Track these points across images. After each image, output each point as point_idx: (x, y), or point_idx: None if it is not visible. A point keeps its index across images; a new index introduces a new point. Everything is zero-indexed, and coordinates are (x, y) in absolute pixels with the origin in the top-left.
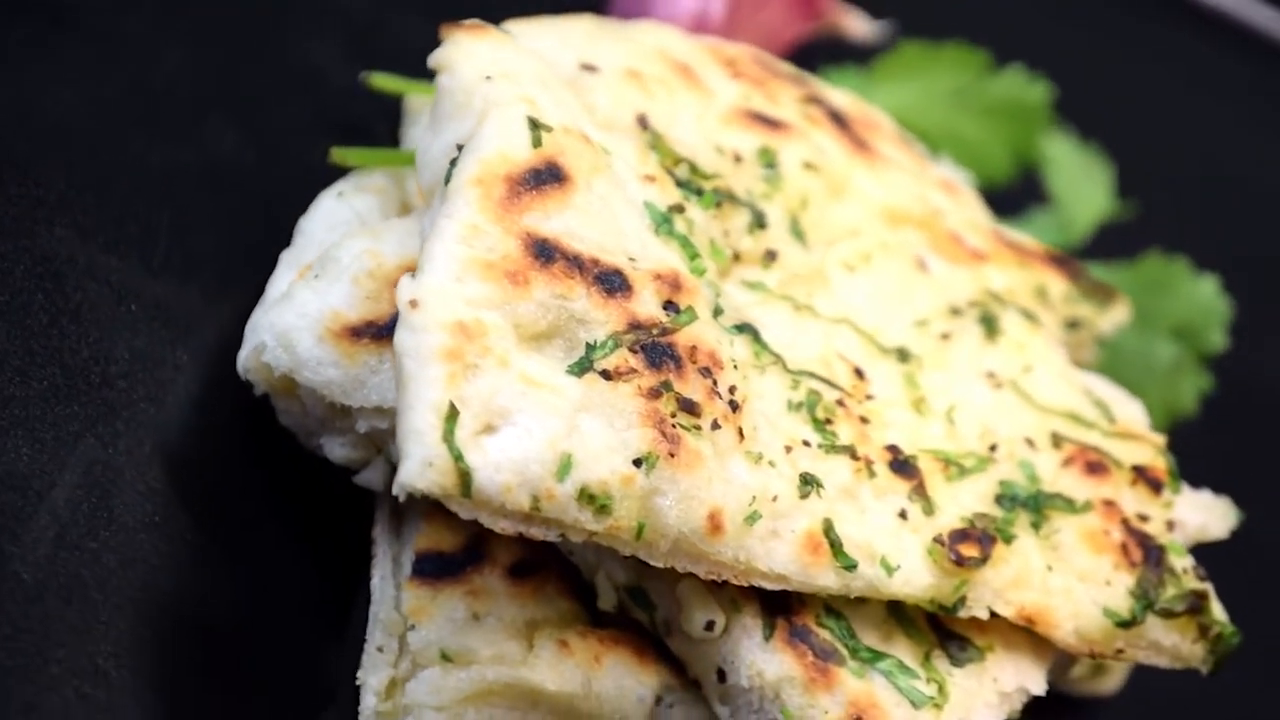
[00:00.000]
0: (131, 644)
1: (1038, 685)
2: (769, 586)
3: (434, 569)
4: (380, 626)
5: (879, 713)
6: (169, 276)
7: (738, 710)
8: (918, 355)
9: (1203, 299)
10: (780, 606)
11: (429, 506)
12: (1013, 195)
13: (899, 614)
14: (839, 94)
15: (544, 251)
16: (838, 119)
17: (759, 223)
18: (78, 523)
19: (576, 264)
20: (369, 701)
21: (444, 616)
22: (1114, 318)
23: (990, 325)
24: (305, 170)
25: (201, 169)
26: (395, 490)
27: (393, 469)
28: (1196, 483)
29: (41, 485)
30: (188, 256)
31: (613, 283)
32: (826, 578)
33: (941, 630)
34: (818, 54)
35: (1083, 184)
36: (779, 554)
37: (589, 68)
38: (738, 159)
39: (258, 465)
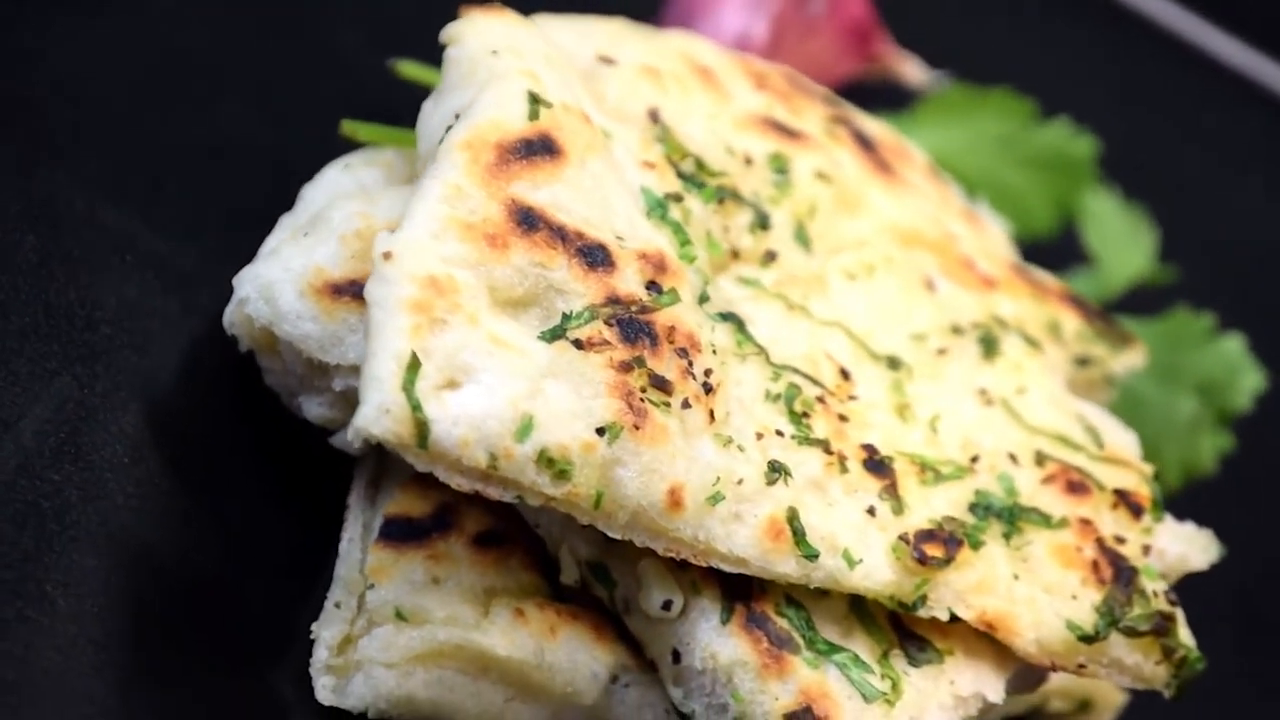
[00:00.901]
0: (83, 576)
1: (996, 693)
2: (728, 569)
3: (400, 533)
4: (341, 584)
5: (829, 703)
6: (169, 234)
7: (690, 693)
8: (909, 365)
9: (1228, 356)
10: (740, 593)
11: (404, 476)
12: (1053, 250)
13: (861, 611)
14: (874, 123)
15: (527, 219)
16: (864, 141)
17: (761, 223)
18: (42, 454)
19: (560, 235)
20: (321, 655)
21: (403, 578)
22: (1128, 360)
23: (990, 346)
24: (321, 148)
25: (216, 138)
26: (350, 435)
27: None
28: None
29: (9, 415)
30: (191, 218)
31: (595, 256)
32: (787, 565)
33: (903, 630)
34: (856, 95)
35: (1122, 243)
36: (740, 537)
37: (606, 60)
38: (748, 161)
39: (239, 423)
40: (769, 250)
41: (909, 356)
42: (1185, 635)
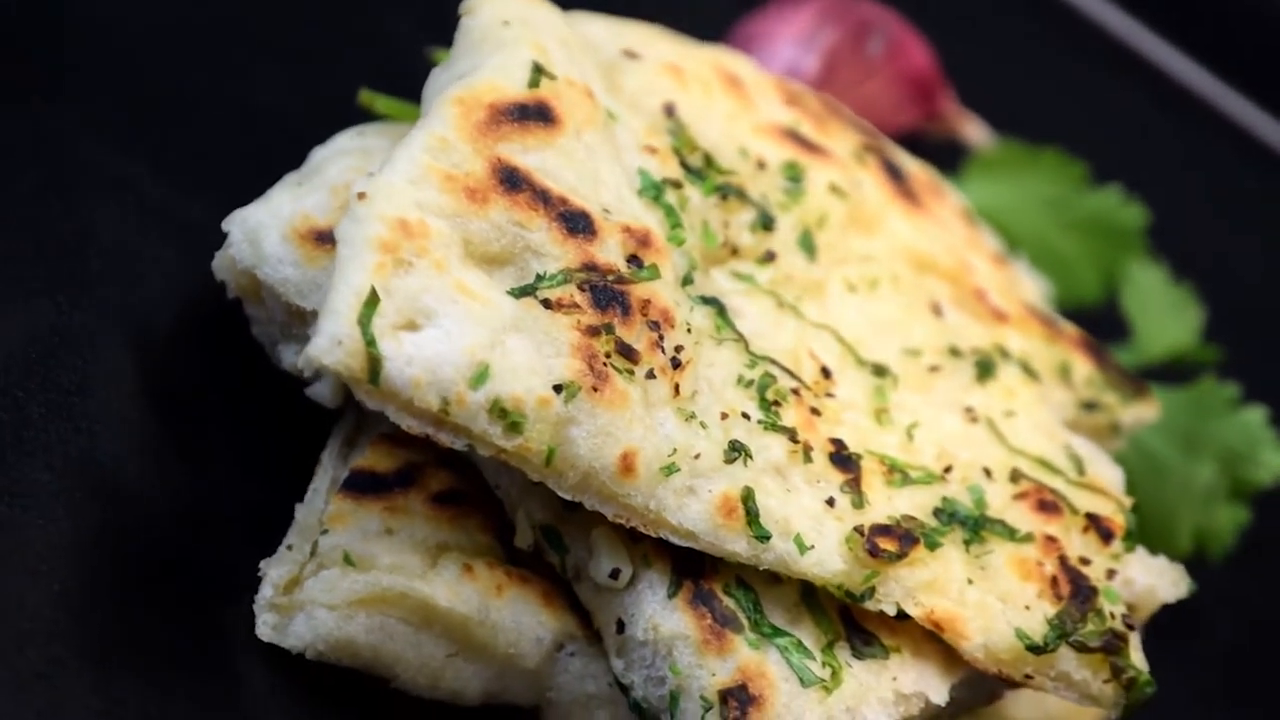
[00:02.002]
0: (32, 490)
1: (939, 695)
2: (677, 542)
3: (362, 485)
4: (298, 529)
5: (765, 683)
6: (174, 184)
7: (631, 664)
8: (896, 374)
9: (1249, 429)
10: (691, 570)
11: (378, 435)
12: (1097, 319)
13: (811, 601)
14: (913, 161)
15: (511, 179)
16: (893, 170)
17: (764, 224)
18: (10, 371)
19: (543, 197)
20: (265, 592)
21: (358, 527)
22: (1138, 412)
23: (986, 370)
24: (346, 122)
25: (242, 99)
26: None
27: (344, 386)
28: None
29: None
30: (199, 172)
31: (577, 223)
32: (737, 544)
33: (852, 625)
34: (908, 147)
35: (1163, 317)
36: (692, 510)
37: (631, 54)
38: (761, 165)
39: (220, 372)
40: (769, 250)
41: (898, 368)
42: (1138, 658)
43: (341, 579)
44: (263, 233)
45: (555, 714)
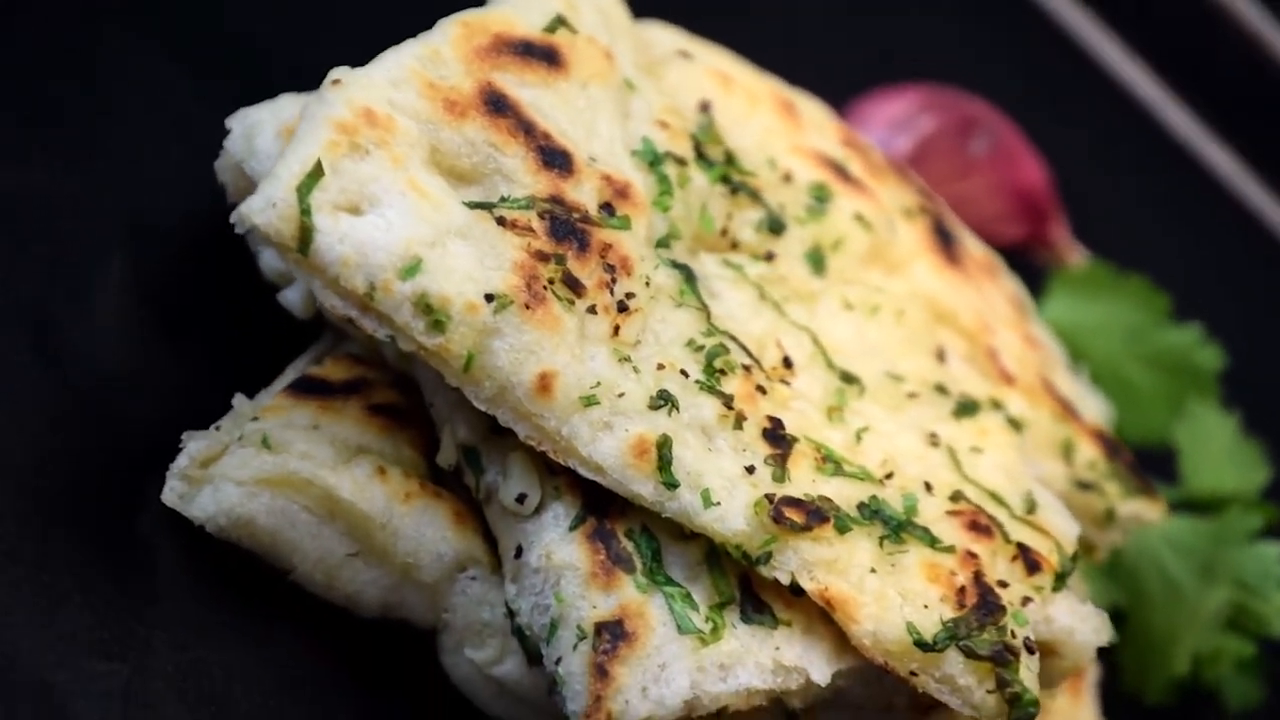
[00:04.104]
0: None
1: (821, 675)
2: (585, 474)
3: (306, 388)
4: (232, 416)
5: (642, 623)
6: (208, 103)
7: (523, 591)
8: (868, 388)
9: (1264, 561)
10: (599, 509)
11: (343, 352)
12: (1154, 457)
13: (714, 564)
14: (972, 239)
15: (497, 103)
16: (943, 234)
17: (772, 228)
18: None
19: (526, 127)
20: (181, 462)
21: (288, 419)
22: (1139, 508)
23: (966, 410)
24: None
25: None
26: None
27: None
28: None
29: None
30: (238, 97)
31: (555, 158)
32: (643, 486)
33: (749, 594)
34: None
35: (1222, 467)
36: (604, 445)
37: (685, 54)
38: (787, 178)
39: (207, 272)
40: (770, 251)
41: (872, 384)
42: (1028, 679)
43: (254, 458)
44: (259, 129)
45: (449, 638)
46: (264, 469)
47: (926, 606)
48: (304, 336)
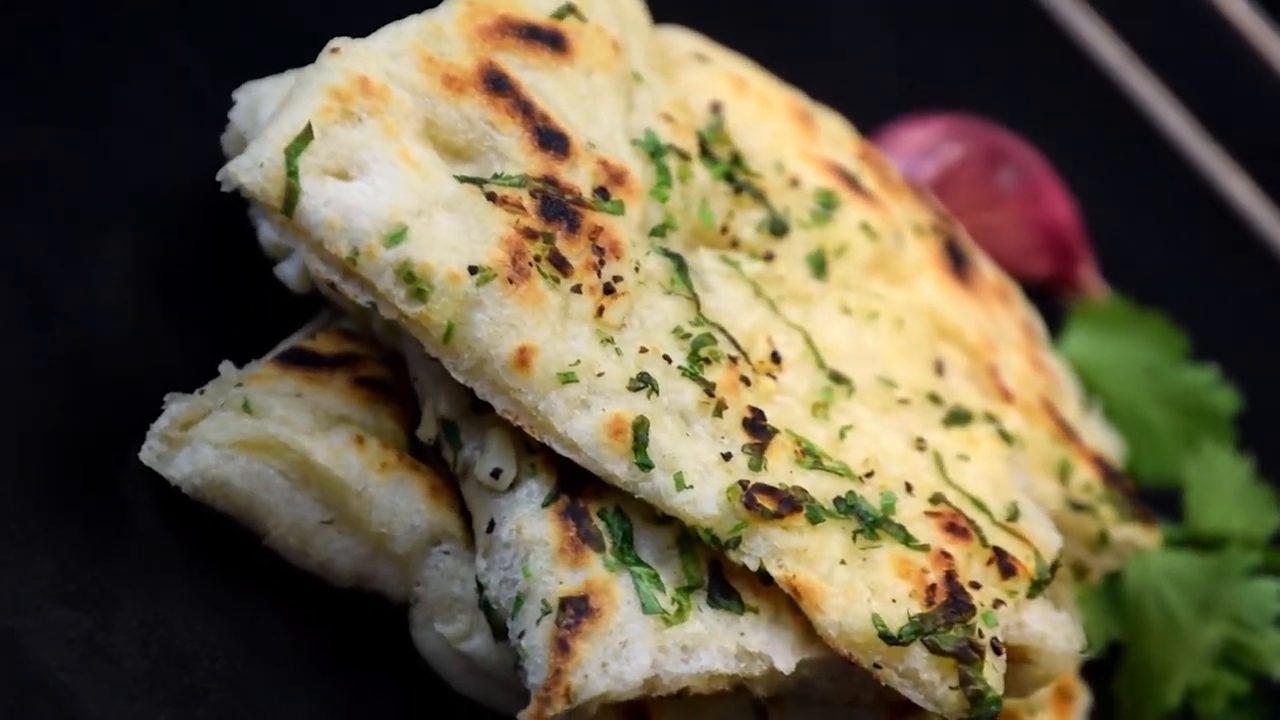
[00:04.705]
0: None
1: (785, 663)
2: (560, 451)
3: (295, 359)
4: (218, 382)
5: (607, 600)
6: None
7: (492, 565)
8: (857, 389)
9: (1261, 597)
10: (573, 489)
11: (336, 327)
12: (1167, 500)
13: (685, 549)
14: (989, 264)
15: (497, 83)
16: (955, 254)
17: (775, 230)
18: None
19: (524, 108)
20: (162, 423)
21: (271, 388)
22: (1134, 534)
23: (958, 419)
24: None
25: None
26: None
27: (310, 275)
28: None
29: None
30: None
31: (551, 140)
32: (617, 466)
33: (718, 579)
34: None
35: (1230, 510)
36: (580, 423)
37: (701, 57)
38: (794, 183)
39: (212, 244)
40: (769, 252)
41: (862, 386)
42: (993, 678)
43: (233, 421)
44: (263, 102)
45: (420, 612)
46: (241, 432)
47: (895, 601)
48: (303, 312)
